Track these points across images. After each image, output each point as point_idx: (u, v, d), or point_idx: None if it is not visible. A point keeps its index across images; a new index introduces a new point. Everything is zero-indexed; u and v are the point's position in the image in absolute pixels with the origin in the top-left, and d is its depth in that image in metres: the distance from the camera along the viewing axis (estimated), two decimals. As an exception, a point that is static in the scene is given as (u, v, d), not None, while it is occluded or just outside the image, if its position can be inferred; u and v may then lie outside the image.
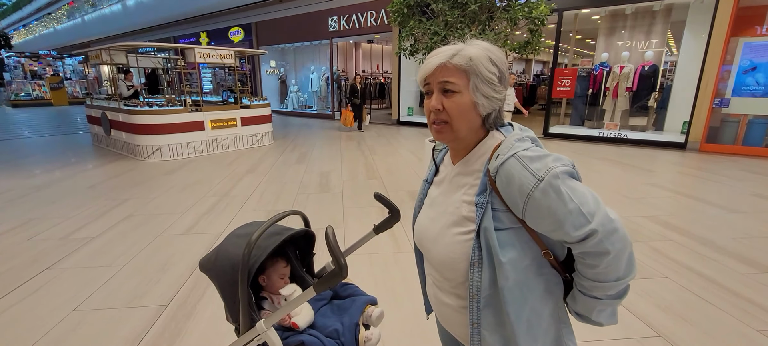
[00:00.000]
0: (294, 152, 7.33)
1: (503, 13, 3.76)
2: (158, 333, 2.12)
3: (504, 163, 0.76)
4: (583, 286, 0.81)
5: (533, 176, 0.73)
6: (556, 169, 0.72)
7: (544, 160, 0.74)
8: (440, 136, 0.86)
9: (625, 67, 8.23)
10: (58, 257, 3.02)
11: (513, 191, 0.76)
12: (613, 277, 0.77)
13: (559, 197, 0.72)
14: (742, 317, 2.22)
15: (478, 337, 0.86)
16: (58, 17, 25.60)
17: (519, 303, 0.81)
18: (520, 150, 0.77)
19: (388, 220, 1.25)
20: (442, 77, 0.82)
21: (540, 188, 0.72)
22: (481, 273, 0.82)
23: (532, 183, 0.73)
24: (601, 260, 0.75)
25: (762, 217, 3.84)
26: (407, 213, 3.88)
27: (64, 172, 5.78)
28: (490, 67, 0.81)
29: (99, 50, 7.47)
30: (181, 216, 3.91)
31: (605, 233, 0.72)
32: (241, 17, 14.84)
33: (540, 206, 0.73)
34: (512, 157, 0.76)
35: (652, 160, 6.42)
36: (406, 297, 2.45)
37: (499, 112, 0.87)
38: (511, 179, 0.75)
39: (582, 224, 0.72)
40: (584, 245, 0.74)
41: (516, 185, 0.75)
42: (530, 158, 0.75)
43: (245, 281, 0.97)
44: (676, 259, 2.95)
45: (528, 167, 0.74)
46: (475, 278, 0.83)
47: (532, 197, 0.73)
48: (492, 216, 0.80)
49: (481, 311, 0.84)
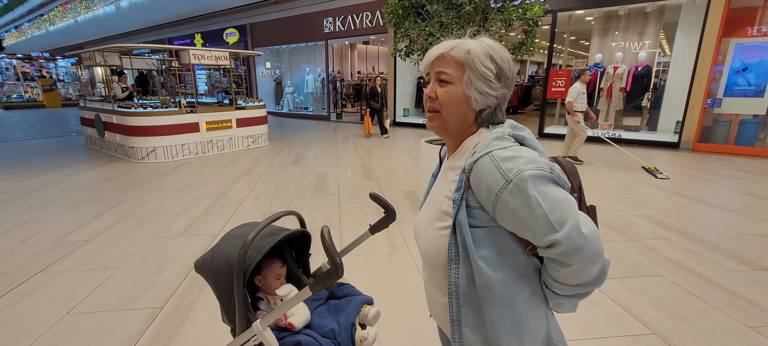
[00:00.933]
0: (290, 154, 7.32)
1: (498, 14, 3.78)
2: (153, 336, 2.10)
3: (477, 161, 0.76)
4: (545, 279, 0.82)
5: (503, 176, 0.72)
6: (525, 172, 0.70)
7: (516, 161, 0.72)
8: (431, 123, 0.88)
9: (619, 67, 8.30)
10: (51, 259, 3.00)
11: (483, 189, 0.75)
12: (573, 282, 0.76)
13: (525, 201, 0.70)
14: (734, 314, 2.25)
15: (459, 334, 0.85)
16: (50, 19, 25.35)
17: (501, 304, 0.79)
18: (495, 149, 0.75)
19: (383, 220, 1.26)
20: (439, 67, 0.84)
21: (508, 189, 0.71)
22: (458, 270, 0.81)
23: (501, 183, 0.72)
24: (562, 268, 0.74)
25: (754, 215, 3.89)
26: (403, 213, 3.90)
27: (57, 174, 5.73)
28: (486, 63, 0.81)
29: (92, 52, 7.41)
30: (176, 218, 3.89)
31: (570, 247, 0.70)
32: (236, 18, 14.80)
33: (507, 208, 0.72)
34: (486, 156, 0.75)
35: (645, 160, 6.48)
36: (402, 297, 2.45)
37: (496, 110, 0.86)
38: (481, 177, 0.75)
39: (547, 231, 0.70)
40: (548, 252, 0.73)
41: (485, 184, 0.74)
42: (503, 158, 0.73)
43: (241, 281, 0.97)
44: (670, 257, 2.98)
45: (499, 167, 0.72)
46: (452, 275, 0.82)
47: (500, 197, 0.72)
48: (467, 213, 0.79)
49: (461, 309, 0.83)
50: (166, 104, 7.14)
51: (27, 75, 20.44)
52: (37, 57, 22.33)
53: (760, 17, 6.84)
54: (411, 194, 4.63)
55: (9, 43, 31.97)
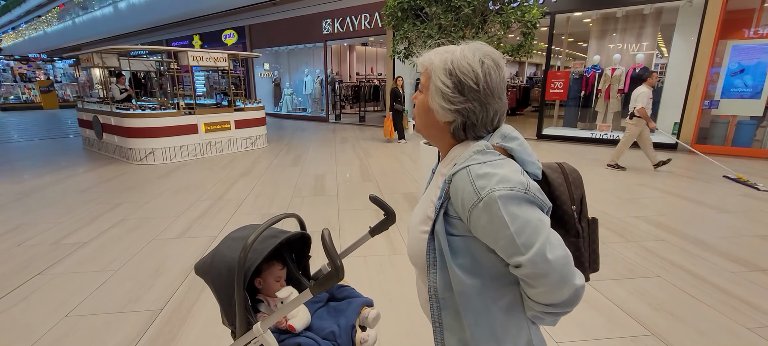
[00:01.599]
0: (288, 155, 7.31)
1: (496, 16, 3.80)
2: (152, 338, 2.10)
3: (456, 174, 0.77)
4: (522, 290, 0.82)
5: (476, 193, 0.72)
6: (496, 192, 0.70)
7: (490, 179, 0.72)
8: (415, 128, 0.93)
9: (617, 69, 8.33)
10: (49, 262, 2.98)
11: (458, 202, 0.76)
12: (543, 302, 0.76)
13: (493, 220, 0.71)
14: (732, 315, 2.26)
15: (441, 336, 0.88)
16: (48, 20, 25.28)
17: (478, 310, 0.80)
18: (473, 163, 0.76)
19: (383, 222, 1.26)
20: (422, 76, 0.88)
21: (479, 207, 0.72)
22: (436, 275, 0.83)
23: (473, 200, 0.72)
24: (528, 288, 0.76)
25: (751, 216, 3.91)
26: (402, 215, 3.91)
27: (54, 176, 5.71)
28: (442, 78, 0.80)
29: (90, 53, 7.40)
30: (174, 220, 3.88)
31: (533, 271, 0.71)
32: (234, 20, 14.79)
33: (478, 224, 0.74)
34: (464, 169, 0.76)
35: (643, 161, 6.50)
36: (401, 299, 2.45)
37: (466, 126, 0.82)
38: (457, 190, 0.76)
39: (513, 252, 0.72)
40: (515, 271, 0.75)
41: (460, 198, 0.75)
42: (478, 175, 0.73)
43: (241, 284, 0.97)
44: (668, 258, 2.99)
45: (474, 183, 0.73)
46: (431, 279, 0.84)
47: (472, 213, 0.73)
48: (444, 221, 0.80)
49: (441, 312, 0.85)
50: (164, 106, 7.13)
51: (24, 76, 20.38)
52: (35, 58, 22.26)
53: (756, 19, 6.88)
54: (410, 196, 4.63)
55: (6, 45, 31.88)
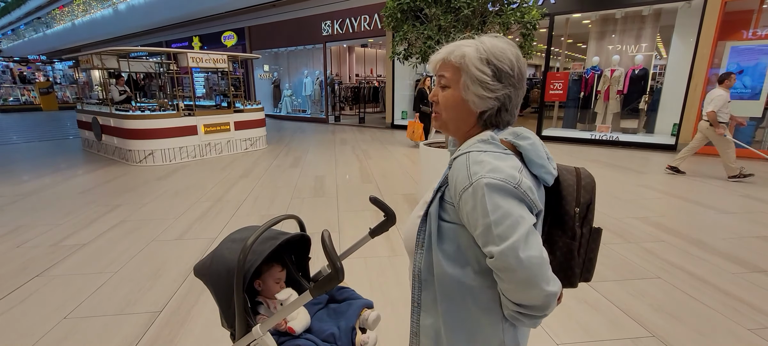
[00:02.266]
0: (288, 156, 7.31)
1: (496, 17, 3.80)
2: (152, 340, 2.09)
3: (457, 159, 0.80)
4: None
5: (468, 177, 0.75)
6: (484, 179, 0.72)
7: (483, 166, 0.74)
8: (435, 122, 0.91)
9: (616, 70, 8.34)
10: (48, 264, 2.97)
11: (452, 186, 0.79)
12: (513, 299, 0.76)
13: (476, 207, 0.72)
14: (733, 316, 2.26)
15: (417, 316, 0.89)
16: (47, 21, 25.29)
17: (454, 300, 0.82)
18: (474, 150, 0.78)
19: (383, 223, 1.26)
20: (441, 71, 0.86)
21: (468, 191, 0.74)
22: (422, 256, 0.85)
23: (464, 184, 0.75)
24: (498, 281, 0.76)
25: (751, 217, 3.90)
26: (403, 216, 3.90)
27: (53, 178, 5.70)
28: (480, 67, 0.80)
29: (90, 55, 7.40)
30: (173, 222, 3.87)
31: (501, 264, 0.71)
32: (234, 21, 14.80)
33: (463, 208, 0.76)
34: (463, 155, 0.79)
35: (643, 162, 6.51)
36: (402, 300, 2.45)
37: (501, 111, 0.84)
38: (454, 173, 0.79)
39: (487, 241, 0.72)
40: (488, 261, 0.75)
41: (454, 181, 0.78)
42: (475, 161, 0.76)
43: (241, 285, 0.97)
44: (668, 259, 2.98)
45: (468, 168, 0.76)
46: (417, 260, 0.86)
47: (461, 197, 0.76)
48: (440, 205, 0.83)
49: (421, 292, 0.87)
50: (163, 107, 7.13)
51: (24, 78, 20.37)
52: (34, 60, 22.25)
53: (755, 20, 6.90)
54: (410, 197, 4.63)
55: (6, 46, 31.87)
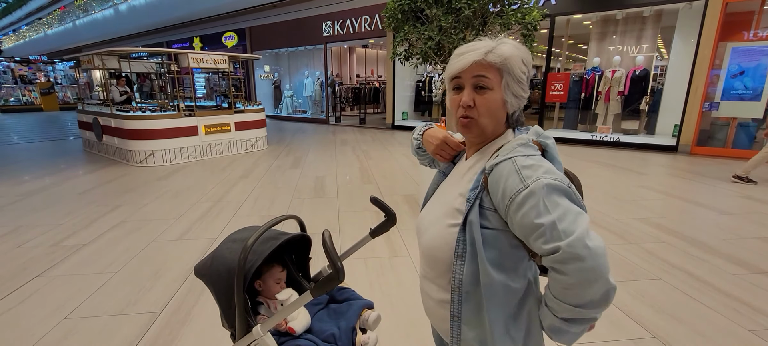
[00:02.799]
0: (288, 157, 7.31)
1: (496, 18, 3.80)
2: (152, 340, 2.09)
3: (499, 164, 0.79)
4: (546, 295, 0.81)
5: (521, 181, 0.74)
6: (543, 180, 0.73)
7: (537, 170, 0.75)
8: (466, 130, 0.87)
9: (617, 71, 8.34)
10: (48, 264, 2.98)
11: (499, 191, 0.78)
12: (573, 302, 0.73)
13: (537, 206, 0.72)
14: (733, 317, 2.25)
15: (458, 331, 0.86)
16: (49, 22, 25.34)
17: (500, 305, 0.82)
18: (518, 155, 0.78)
19: (384, 224, 1.25)
20: (477, 72, 0.82)
21: (523, 193, 0.73)
22: (463, 267, 0.82)
23: (518, 188, 0.74)
24: (561, 277, 0.72)
25: (752, 218, 3.90)
26: (403, 217, 3.90)
27: (54, 178, 5.71)
28: (522, 67, 0.83)
29: (91, 55, 7.41)
30: (174, 222, 3.87)
31: (569, 255, 0.69)
32: (234, 22, 14.82)
33: (519, 212, 0.74)
34: (508, 160, 0.78)
35: (644, 163, 6.50)
36: (402, 301, 2.44)
37: (521, 112, 0.90)
38: (501, 179, 0.78)
39: (551, 238, 0.71)
40: (549, 258, 0.72)
41: (502, 187, 0.77)
42: (524, 165, 0.76)
43: (241, 285, 0.97)
44: (669, 260, 2.98)
45: (520, 172, 0.76)
46: (457, 271, 0.83)
47: (515, 200, 0.75)
48: (479, 212, 0.81)
49: (462, 305, 0.84)
50: (164, 108, 7.14)
51: (24, 78, 20.40)
52: (35, 60, 22.30)
53: (756, 22, 6.89)
54: (410, 198, 4.63)
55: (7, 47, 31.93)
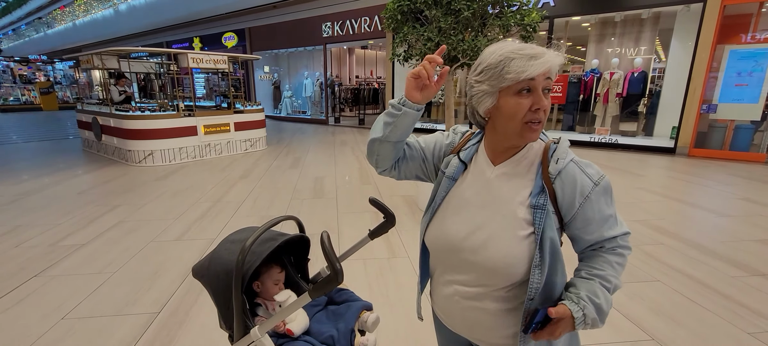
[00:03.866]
0: (288, 157, 7.31)
1: (495, 19, 3.80)
2: (150, 341, 2.08)
3: (565, 167, 0.84)
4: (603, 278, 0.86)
5: (590, 179, 0.83)
6: (605, 178, 0.85)
7: (594, 168, 0.86)
8: (535, 135, 0.84)
9: (615, 73, 8.36)
10: (46, 264, 2.97)
11: (572, 191, 0.83)
12: (617, 279, 0.87)
13: (607, 201, 0.85)
14: (732, 320, 2.25)
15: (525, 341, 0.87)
16: (48, 21, 25.31)
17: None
18: (572, 157, 0.86)
19: (383, 225, 1.25)
20: (548, 76, 0.81)
21: (596, 191, 0.83)
22: (542, 275, 0.83)
23: (590, 186, 0.83)
24: (619, 258, 0.88)
25: (751, 221, 3.90)
26: (402, 218, 3.90)
27: (53, 177, 5.69)
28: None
29: (90, 55, 7.41)
30: (173, 222, 3.86)
31: (627, 241, 0.88)
32: (234, 22, 14.82)
33: (593, 207, 0.83)
34: (571, 162, 0.85)
35: (642, 165, 6.51)
36: (401, 302, 2.44)
37: None
38: (573, 181, 0.83)
39: (615, 225, 0.86)
40: (612, 242, 0.87)
41: (571, 187, 0.83)
42: (584, 164, 0.86)
43: (239, 287, 0.97)
44: (668, 262, 2.98)
45: (585, 172, 0.84)
46: (535, 280, 0.83)
47: (589, 198, 0.83)
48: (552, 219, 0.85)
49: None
50: (163, 108, 7.13)
51: (24, 78, 20.36)
52: (35, 60, 22.26)
53: (754, 24, 6.91)
54: (409, 199, 4.63)
55: (7, 46, 31.88)
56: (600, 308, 0.82)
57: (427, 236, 1.00)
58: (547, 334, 0.82)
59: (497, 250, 0.85)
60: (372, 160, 1.04)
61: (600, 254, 0.88)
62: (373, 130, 0.99)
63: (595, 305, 0.82)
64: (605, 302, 0.83)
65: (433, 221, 0.98)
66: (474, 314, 0.93)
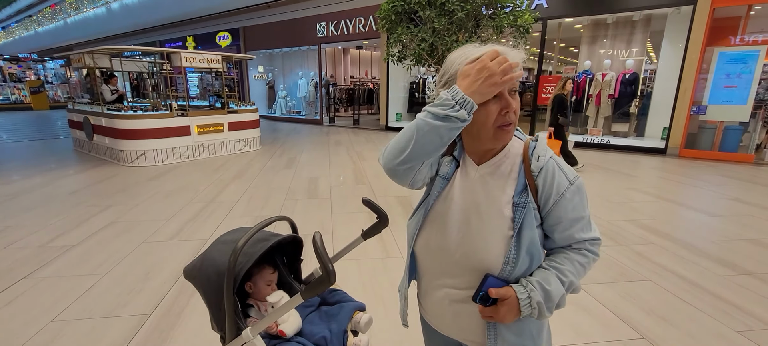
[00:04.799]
0: (282, 158, 7.28)
1: (489, 20, 3.83)
2: (141, 343, 2.06)
3: (546, 164, 0.86)
4: (561, 272, 0.86)
5: (566, 178, 0.86)
6: (579, 179, 0.87)
7: (569, 168, 0.88)
8: (508, 137, 0.87)
9: (607, 74, 8.44)
10: (35, 265, 2.93)
11: (551, 187, 0.85)
12: (579, 279, 0.87)
13: (580, 201, 0.86)
14: (721, 318, 2.29)
15: (494, 332, 0.89)
16: (39, 20, 24.96)
17: None
18: (553, 154, 0.89)
19: (376, 225, 1.25)
20: (518, 79, 0.79)
21: (571, 189, 0.85)
22: (513, 270, 0.85)
23: (566, 185, 0.85)
24: (590, 256, 0.89)
25: (739, 221, 3.96)
26: (395, 219, 3.90)
27: (43, 178, 5.62)
28: None
29: (82, 53, 7.31)
30: (165, 223, 3.83)
31: (599, 242, 0.90)
32: (228, 22, 14.74)
33: (567, 206, 0.85)
34: (551, 159, 0.87)
35: (633, 166, 6.58)
36: (394, 303, 2.44)
37: None
38: (552, 178, 0.85)
39: (586, 227, 0.88)
40: (584, 244, 0.88)
41: (554, 184, 0.85)
42: (560, 164, 0.88)
43: (231, 288, 0.96)
44: (658, 262, 3.02)
45: (563, 170, 0.86)
46: (505, 275, 0.85)
47: (564, 196, 0.85)
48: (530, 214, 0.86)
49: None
50: (156, 107, 7.06)
51: (14, 76, 20.06)
52: (25, 58, 21.94)
53: (742, 27, 7.03)
54: (403, 199, 4.63)
55: (-5, 44, 31.36)
56: (549, 294, 0.82)
57: (418, 241, 0.98)
58: (491, 312, 0.84)
59: (488, 252, 0.86)
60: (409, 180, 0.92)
61: (564, 252, 0.89)
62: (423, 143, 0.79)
63: (545, 290, 0.82)
64: (556, 292, 0.83)
65: (425, 226, 0.96)
66: (465, 316, 0.93)
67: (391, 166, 0.85)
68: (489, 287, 0.83)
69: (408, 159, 0.82)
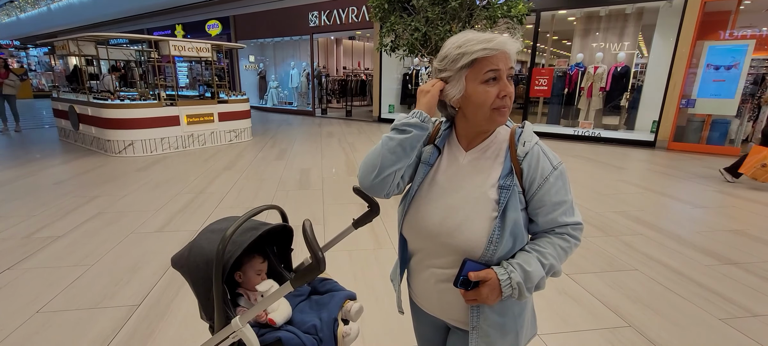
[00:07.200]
0: (273, 149, 7.21)
1: (483, 11, 3.81)
2: (129, 334, 2.04)
3: (531, 149, 0.89)
4: (542, 254, 0.89)
5: (551, 163, 0.88)
6: (562, 164, 0.90)
7: (553, 154, 0.91)
8: (504, 119, 0.90)
9: (599, 67, 8.49)
10: (20, 256, 2.87)
11: (535, 171, 0.87)
12: (561, 263, 0.90)
13: (563, 185, 0.89)
14: (705, 307, 2.34)
15: (477, 311, 0.92)
16: (21, 5, 24.20)
17: None
18: (538, 140, 0.91)
19: (367, 214, 1.25)
20: (511, 63, 0.87)
21: (554, 174, 0.87)
22: (496, 250, 0.86)
23: (550, 169, 0.88)
24: (572, 240, 0.91)
25: (724, 212, 4.05)
26: (386, 208, 3.90)
27: (27, 168, 5.49)
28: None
29: (66, 40, 7.12)
30: (153, 214, 3.78)
31: (582, 227, 0.92)
32: (218, 10, 14.44)
33: (550, 190, 0.87)
34: (536, 145, 0.89)
35: (623, 158, 6.67)
36: (385, 292, 2.45)
37: None
38: (537, 163, 0.88)
39: (569, 211, 0.90)
40: (566, 228, 0.90)
41: (535, 169, 0.87)
42: (544, 149, 0.90)
43: (220, 277, 0.95)
44: (646, 252, 3.07)
45: (547, 155, 0.89)
46: (488, 256, 0.87)
47: (548, 179, 0.87)
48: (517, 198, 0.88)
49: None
50: (144, 96, 6.93)
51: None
52: (7, 45, 21.30)
53: (732, 21, 7.11)
54: (396, 190, 4.63)
55: (-24, 30, 30.36)
56: (529, 275, 0.85)
57: (405, 224, 1.02)
58: (474, 295, 0.86)
59: (472, 232, 0.88)
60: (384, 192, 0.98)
61: (547, 236, 0.92)
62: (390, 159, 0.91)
63: (525, 271, 0.85)
64: (536, 273, 0.85)
65: (410, 209, 1.00)
66: (449, 295, 0.96)
67: (368, 182, 0.95)
68: (469, 271, 0.84)
69: (380, 172, 0.92)
